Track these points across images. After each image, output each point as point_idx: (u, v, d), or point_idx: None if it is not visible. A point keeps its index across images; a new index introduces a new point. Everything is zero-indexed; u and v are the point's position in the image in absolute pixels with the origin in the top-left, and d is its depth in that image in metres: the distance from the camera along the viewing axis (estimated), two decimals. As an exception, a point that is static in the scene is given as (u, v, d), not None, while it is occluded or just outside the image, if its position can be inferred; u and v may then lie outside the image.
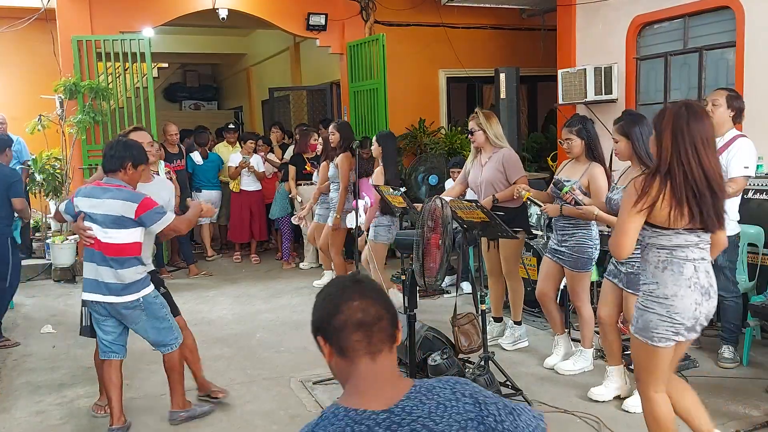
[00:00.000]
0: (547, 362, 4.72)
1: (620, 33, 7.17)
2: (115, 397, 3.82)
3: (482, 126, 4.93)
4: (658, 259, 2.88)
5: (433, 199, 4.13)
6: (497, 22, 10.03)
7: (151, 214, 3.67)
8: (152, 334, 3.85)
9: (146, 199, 3.69)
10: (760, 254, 5.02)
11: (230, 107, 17.40)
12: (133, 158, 3.75)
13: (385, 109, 8.38)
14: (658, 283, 2.88)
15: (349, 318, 1.50)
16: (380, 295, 1.56)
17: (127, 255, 3.69)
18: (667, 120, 2.81)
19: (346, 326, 1.50)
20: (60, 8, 7.94)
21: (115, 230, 3.66)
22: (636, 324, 2.97)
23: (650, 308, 2.90)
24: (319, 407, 4.11)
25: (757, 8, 5.79)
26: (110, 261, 3.68)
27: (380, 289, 1.59)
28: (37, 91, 8.35)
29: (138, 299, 3.74)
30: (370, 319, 1.51)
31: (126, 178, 3.74)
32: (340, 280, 1.62)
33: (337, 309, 1.52)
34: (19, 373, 4.92)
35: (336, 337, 1.52)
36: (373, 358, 1.50)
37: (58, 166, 8.07)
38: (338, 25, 9.17)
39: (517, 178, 4.89)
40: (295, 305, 6.60)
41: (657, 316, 2.87)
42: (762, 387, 4.21)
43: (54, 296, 7.23)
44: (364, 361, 1.50)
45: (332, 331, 1.52)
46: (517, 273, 5.11)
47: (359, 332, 1.50)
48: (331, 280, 1.67)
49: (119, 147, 3.80)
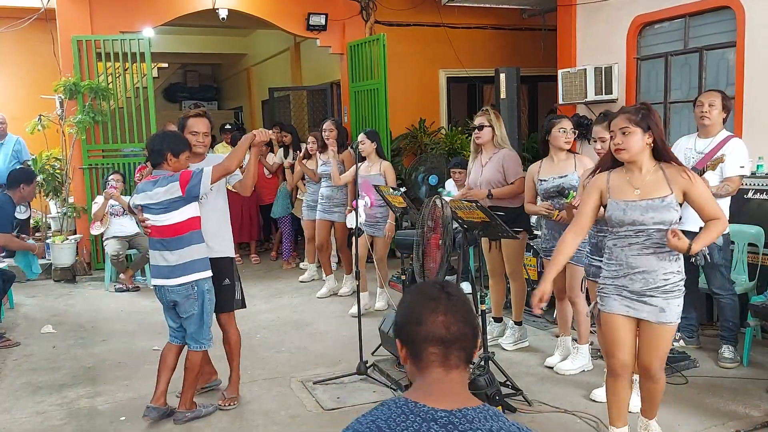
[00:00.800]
0: (548, 362, 4.72)
1: (621, 33, 7.17)
2: (163, 378, 3.96)
3: (492, 123, 4.95)
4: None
5: (432, 198, 4.14)
6: (497, 22, 10.03)
7: (193, 182, 3.73)
8: (193, 325, 3.90)
9: (184, 173, 3.78)
10: (760, 254, 5.02)
11: (230, 107, 17.39)
12: (172, 149, 3.82)
13: (385, 109, 8.38)
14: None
15: (431, 332, 1.51)
16: (468, 313, 1.55)
17: (185, 232, 3.78)
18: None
19: (426, 339, 1.51)
20: (60, 8, 7.94)
21: (169, 213, 3.78)
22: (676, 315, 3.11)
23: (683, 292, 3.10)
24: (320, 407, 4.11)
25: (758, 8, 5.79)
26: (166, 243, 3.80)
27: (469, 306, 1.57)
28: (37, 91, 8.35)
29: (189, 283, 3.80)
30: (451, 337, 1.50)
31: (171, 168, 3.83)
32: (430, 287, 1.58)
33: (421, 320, 1.52)
34: (20, 373, 4.92)
35: (414, 346, 1.53)
36: (446, 371, 1.52)
37: (58, 166, 8.08)
38: (338, 25, 9.17)
39: (515, 179, 4.90)
40: (296, 305, 6.60)
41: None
42: (762, 387, 4.21)
43: (54, 296, 7.23)
44: (437, 371, 1.52)
45: (411, 339, 1.53)
46: (520, 273, 5.12)
47: (438, 347, 1.51)
48: (422, 285, 1.63)
49: (157, 141, 3.91)
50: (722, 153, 4.35)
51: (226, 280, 4.07)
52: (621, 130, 3.07)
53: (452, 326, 1.51)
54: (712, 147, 4.51)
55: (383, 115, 8.40)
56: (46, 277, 7.94)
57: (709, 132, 4.58)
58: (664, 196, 3.03)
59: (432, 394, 1.50)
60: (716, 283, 4.62)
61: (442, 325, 1.50)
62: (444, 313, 1.51)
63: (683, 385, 4.29)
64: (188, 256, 3.80)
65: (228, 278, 4.08)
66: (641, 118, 3.04)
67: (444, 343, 1.50)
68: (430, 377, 1.52)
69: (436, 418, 1.45)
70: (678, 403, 4.01)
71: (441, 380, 1.51)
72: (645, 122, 3.04)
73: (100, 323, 6.15)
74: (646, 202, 3.04)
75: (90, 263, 8.09)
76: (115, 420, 4.06)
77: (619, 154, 3.10)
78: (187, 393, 3.97)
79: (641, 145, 3.06)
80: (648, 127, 3.05)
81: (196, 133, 4.02)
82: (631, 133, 3.04)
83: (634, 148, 3.05)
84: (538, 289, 3.24)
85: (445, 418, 1.45)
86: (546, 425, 3.81)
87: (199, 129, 4.02)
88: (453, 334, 1.50)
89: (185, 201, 3.76)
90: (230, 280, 4.09)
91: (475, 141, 5.06)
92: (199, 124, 4.03)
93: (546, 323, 5.71)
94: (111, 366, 4.98)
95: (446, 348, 1.51)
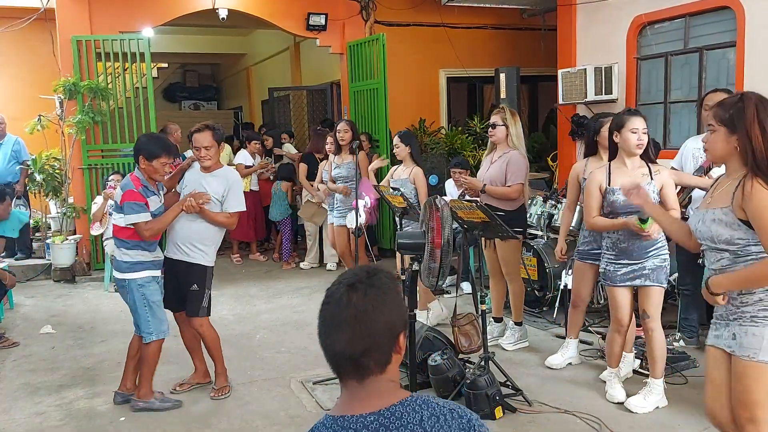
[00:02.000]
0: (549, 361, 4.71)
1: (621, 33, 7.16)
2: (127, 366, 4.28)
3: (506, 122, 4.91)
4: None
5: (432, 198, 4.13)
6: (498, 22, 10.02)
7: (129, 205, 3.99)
8: (135, 318, 4.14)
9: (128, 191, 4.01)
10: (760, 254, 5.01)
11: (230, 107, 17.39)
12: (145, 152, 4.03)
13: (385, 109, 8.37)
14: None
15: (338, 351, 1.44)
16: (381, 314, 1.44)
17: (118, 236, 4.09)
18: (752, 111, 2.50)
19: (335, 357, 1.46)
20: (59, 8, 7.93)
21: (118, 214, 4.11)
22: (758, 347, 2.49)
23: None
24: (320, 408, 4.10)
25: (758, 8, 5.78)
26: (116, 241, 4.14)
27: (384, 302, 1.46)
28: (37, 91, 8.34)
29: (120, 279, 4.11)
30: (359, 353, 1.43)
31: (143, 170, 4.08)
32: (336, 288, 1.48)
33: (327, 336, 1.46)
34: (19, 373, 4.91)
35: (327, 359, 1.48)
36: (360, 381, 1.46)
37: (57, 166, 8.07)
38: (338, 25, 9.16)
39: (513, 184, 4.84)
40: (296, 305, 6.60)
41: None
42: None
43: (54, 296, 7.22)
44: (352, 383, 1.47)
45: (324, 352, 1.48)
46: (517, 274, 5.11)
47: (347, 363, 1.45)
48: (335, 283, 1.52)
49: (138, 141, 4.22)
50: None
51: (194, 285, 4.22)
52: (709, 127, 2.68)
53: (358, 342, 1.43)
54: None
55: (383, 115, 8.39)
56: (46, 278, 7.93)
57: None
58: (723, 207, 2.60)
59: (355, 403, 1.46)
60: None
61: (348, 343, 1.43)
62: (350, 326, 1.43)
63: (683, 385, 4.28)
64: (119, 255, 4.10)
65: (196, 284, 4.22)
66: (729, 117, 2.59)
67: (352, 360, 1.44)
68: (348, 388, 1.48)
69: (366, 424, 1.42)
70: (678, 403, 4.00)
71: (358, 389, 1.46)
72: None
73: (99, 324, 6.14)
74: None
75: (89, 263, 8.07)
76: (115, 420, 4.05)
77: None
78: (142, 382, 4.16)
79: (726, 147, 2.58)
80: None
81: (198, 148, 4.20)
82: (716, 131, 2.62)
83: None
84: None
85: (376, 421, 1.42)
86: (546, 425, 3.80)
87: (200, 144, 4.18)
88: (360, 350, 1.43)
89: (119, 209, 4.09)
90: (198, 287, 4.22)
91: (489, 138, 5.06)
92: (200, 139, 4.19)
93: (546, 324, 5.70)
94: (110, 366, 4.97)
95: (356, 362, 1.44)
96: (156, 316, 4.10)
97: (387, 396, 1.46)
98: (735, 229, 2.50)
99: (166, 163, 4.08)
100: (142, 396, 4.13)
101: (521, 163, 4.88)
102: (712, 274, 2.63)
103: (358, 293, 1.45)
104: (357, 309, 1.43)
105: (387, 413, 1.43)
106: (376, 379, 1.46)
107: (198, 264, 4.22)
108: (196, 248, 4.20)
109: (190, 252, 4.20)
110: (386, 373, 1.47)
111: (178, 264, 4.24)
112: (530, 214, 5.86)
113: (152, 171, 4.06)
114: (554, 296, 5.80)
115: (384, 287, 1.48)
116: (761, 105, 2.54)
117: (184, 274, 4.22)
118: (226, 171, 4.35)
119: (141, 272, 4.07)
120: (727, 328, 2.62)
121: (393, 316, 1.47)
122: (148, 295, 4.07)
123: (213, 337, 4.36)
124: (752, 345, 2.50)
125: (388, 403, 1.45)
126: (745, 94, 2.60)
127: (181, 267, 4.22)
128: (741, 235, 2.50)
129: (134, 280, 4.06)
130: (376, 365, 1.45)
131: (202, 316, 4.27)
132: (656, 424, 3.79)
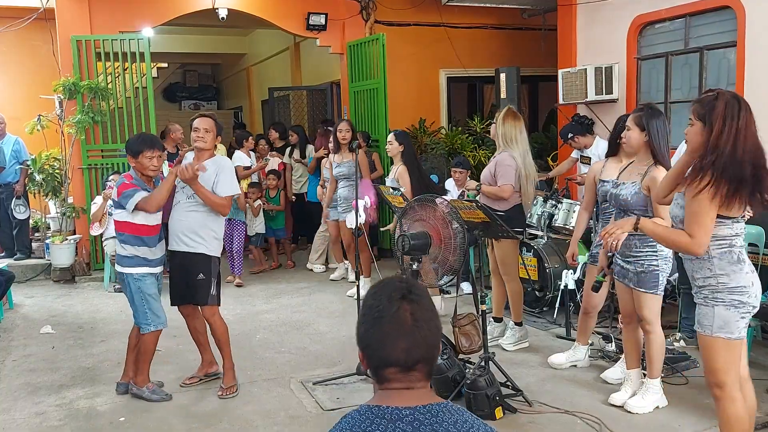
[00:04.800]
0: (552, 360, 4.71)
1: (621, 33, 7.16)
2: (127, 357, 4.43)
3: (496, 121, 5.03)
4: (722, 251, 2.88)
5: (429, 197, 4.15)
6: (498, 22, 10.02)
7: (124, 195, 4.13)
8: (133, 310, 4.29)
9: (122, 184, 4.18)
10: (760, 254, 5.01)
11: (230, 107, 17.38)
12: (130, 151, 4.24)
13: (385, 109, 8.37)
14: (728, 275, 2.88)
15: (392, 358, 1.47)
16: (432, 329, 1.49)
17: (119, 231, 4.24)
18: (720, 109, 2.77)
19: (386, 364, 1.48)
20: (59, 8, 7.92)
21: (117, 210, 4.27)
22: (710, 324, 2.93)
23: (725, 302, 2.89)
24: (320, 408, 4.10)
25: (758, 8, 5.78)
26: (118, 236, 4.29)
27: (433, 318, 1.50)
28: (37, 91, 8.34)
29: (120, 273, 4.27)
30: (412, 362, 1.47)
31: (134, 166, 4.25)
32: (391, 302, 1.49)
33: (381, 344, 1.47)
34: (19, 373, 4.90)
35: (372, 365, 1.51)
36: (407, 385, 1.50)
37: (57, 166, 8.06)
38: (338, 24, 9.15)
39: (502, 183, 4.88)
40: (296, 305, 6.59)
41: (734, 309, 2.88)
42: (762, 387, 4.19)
43: (53, 296, 7.22)
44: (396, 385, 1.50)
45: (370, 357, 1.50)
46: (515, 274, 5.11)
47: (397, 370, 1.48)
48: (382, 293, 1.52)
49: (126, 142, 4.41)
50: None
51: (200, 275, 4.31)
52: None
53: (414, 352, 1.46)
54: None
55: (383, 115, 8.39)
56: (46, 278, 7.93)
57: None
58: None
59: (393, 397, 1.48)
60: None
61: (403, 353, 1.46)
62: (406, 338, 1.46)
63: (683, 385, 4.28)
64: (121, 250, 4.25)
65: (202, 273, 4.31)
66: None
67: (404, 367, 1.47)
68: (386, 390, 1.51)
69: (401, 417, 1.44)
70: (678, 403, 4.00)
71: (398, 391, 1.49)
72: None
73: (99, 324, 6.14)
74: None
75: (89, 264, 8.07)
76: (114, 420, 4.05)
77: None
78: (138, 370, 4.31)
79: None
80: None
81: (197, 129, 4.35)
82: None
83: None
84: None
85: (411, 415, 1.45)
86: (546, 426, 3.80)
87: (199, 126, 4.35)
88: (414, 359, 1.46)
89: (118, 205, 4.22)
90: (205, 276, 4.31)
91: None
92: (199, 122, 4.37)
93: (546, 324, 5.70)
94: (110, 366, 4.96)
95: (406, 370, 1.48)
96: (152, 308, 4.24)
97: (424, 398, 1.50)
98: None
99: (152, 157, 4.20)
100: (138, 383, 4.30)
101: (508, 162, 4.90)
102: None
103: (413, 305, 1.48)
104: (416, 320, 1.47)
105: (423, 410, 1.46)
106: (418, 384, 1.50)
107: (201, 253, 4.31)
108: (197, 237, 4.29)
109: (190, 242, 4.29)
110: (427, 379, 1.51)
111: (182, 256, 4.33)
112: (530, 214, 5.85)
113: (141, 167, 4.21)
114: (554, 296, 5.80)
115: (427, 297, 1.53)
116: (731, 103, 2.78)
117: (189, 264, 4.31)
118: (218, 157, 4.48)
119: (139, 268, 4.22)
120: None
121: (439, 324, 1.53)
122: (144, 288, 4.22)
123: (223, 329, 4.43)
124: (705, 322, 2.95)
125: (425, 403, 1.48)
126: (721, 92, 2.84)
127: (186, 258, 4.32)
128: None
129: (131, 274, 4.21)
130: (424, 373, 1.49)
131: (211, 304, 4.37)
132: (656, 424, 3.79)
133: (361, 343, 1.52)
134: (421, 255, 4.12)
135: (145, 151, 4.18)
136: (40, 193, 8.09)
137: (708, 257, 2.89)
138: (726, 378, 2.94)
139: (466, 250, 4.22)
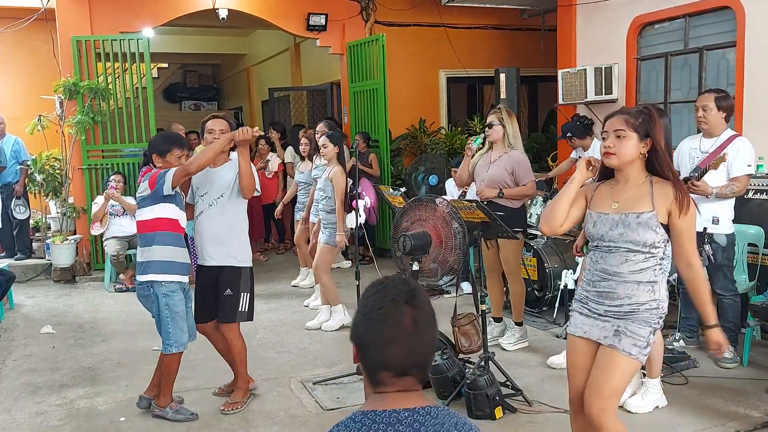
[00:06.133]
0: (552, 360, 4.71)
1: (620, 33, 7.16)
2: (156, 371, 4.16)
3: (503, 122, 4.97)
4: (662, 270, 2.78)
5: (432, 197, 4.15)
6: (497, 22, 10.02)
7: (159, 182, 3.86)
8: (157, 326, 4.01)
9: (155, 173, 3.93)
10: (760, 254, 5.02)
11: (230, 107, 17.38)
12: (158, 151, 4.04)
13: (385, 109, 8.37)
14: (663, 298, 2.77)
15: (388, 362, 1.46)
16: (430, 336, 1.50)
17: (150, 231, 3.92)
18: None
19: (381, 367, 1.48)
20: (60, 8, 7.93)
21: (140, 210, 3.97)
22: (644, 348, 2.72)
23: (657, 325, 2.74)
24: (320, 408, 4.10)
25: (758, 8, 5.78)
26: (139, 238, 4.01)
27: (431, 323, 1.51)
28: (37, 91, 8.35)
29: (146, 283, 3.91)
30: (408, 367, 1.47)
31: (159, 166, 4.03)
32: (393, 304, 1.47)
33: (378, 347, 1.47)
34: (20, 373, 4.91)
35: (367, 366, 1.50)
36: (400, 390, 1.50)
37: (57, 166, 8.07)
38: (338, 25, 9.16)
39: (527, 181, 4.93)
40: (295, 305, 6.60)
41: (656, 330, 2.76)
42: (762, 387, 4.21)
43: (54, 296, 7.23)
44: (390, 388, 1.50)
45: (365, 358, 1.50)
46: (518, 274, 5.11)
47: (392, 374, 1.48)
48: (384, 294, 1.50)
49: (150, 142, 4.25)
50: (725, 152, 4.35)
51: (227, 290, 4.05)
52: (615, 132, 2.69)
53: (411, 358, 1.46)
54: (716, 146, 4.51)
55: (383, 115, 8.40)
56: (46, 277, 7.94)
57: (712, 132, 4.59)
58: (640, 213, 2.66)
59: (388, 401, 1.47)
60: (719, 284, 4.62)
61: (400, 358, 1.45)
62: (404, 344, 1.44)
63: (683, 385, 4.29)
64: (150, 255, 3.90)
65: (230, 289, 4.05)
66: (641, 123, 2.67)
67: (399, 372, 1.47)
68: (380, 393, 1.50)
69: (400, 419, 1.42)
70: (678, 403, 4.01)
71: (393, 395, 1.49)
72: (644, 128, 2.67)
73: (99, 323, 6.14)
74: (619, 216, 2.69)
75: (90, 263, 8.08)
76: (115, 420, 4.05)
77: (607, 159, 2.72)
78: (161, 391, 4.04)
79: (634, 152, 2.68)
80: (646, 134, 2.68)
81: (212, 130, 4.19)
82: (626, 137, 2.67)
83: (625, 156, 2.69)
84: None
85: (410, 417, 1.43)
86: (546, 425, 3.81)
87: (214, 127, 4.21)
88: (410, 365, 1.46)
89: (153, 200, 3.90)
90: (233, 291, 4.05)
91: (486, 138, 5.09)
92: (214, 124, 4.24)
93: (546, 324, 5.71)
94: (111, 366, 4.98)
95: (401, 375, 1.47)
96: (177, 326, 3.94)
97: (420, 401, 1.49)
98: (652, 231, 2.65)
99: (181, 156, 4.03)
100: (160, 405, 4.04)
101: (526, 161, 4.99)
102: (599, 277, 2.77)
103: (416, 310, 1.47)
104: (417, 326, 1.46)
105: (422, 411, 1.45)
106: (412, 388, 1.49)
107: (228, 266, 4.07)
108: (223, 248, 4.05)
109: (217, 255, 4.05)
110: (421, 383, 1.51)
111: (209, 270, 4.10)
112: (530, 214, 5.86)
113: (169, 167, 3.97)
114: (554, 296, 5.80)
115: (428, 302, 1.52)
116: (660, 116, 2.80)
117: (216, 279, 4.08)
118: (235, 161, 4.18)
119: (169, 275, 3.90)
120: (609, 323, 2.76)
121: (437, 329, 1.53)
122: (172, 306, 3.91)
123: (241, 348, 4.19)
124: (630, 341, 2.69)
125: (423, 404, 1.47)
126: (647, 106, 2.79)
127: (213, 273, 4.08)
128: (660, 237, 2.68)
129: (160, 284, 3.88)
130: (418, 377, 1.49)
131: (237, 321, 4.11)
132: (656, 424, 3.80)
133: (358, 341, 1.52)
134: (421, 255, 4.12)
135: (174, 150, 4.02)
136: (40, 193, 8.10)
137: None
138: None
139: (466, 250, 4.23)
